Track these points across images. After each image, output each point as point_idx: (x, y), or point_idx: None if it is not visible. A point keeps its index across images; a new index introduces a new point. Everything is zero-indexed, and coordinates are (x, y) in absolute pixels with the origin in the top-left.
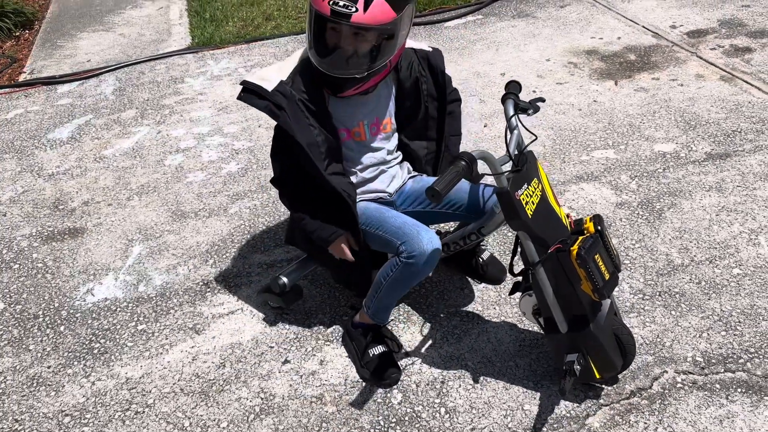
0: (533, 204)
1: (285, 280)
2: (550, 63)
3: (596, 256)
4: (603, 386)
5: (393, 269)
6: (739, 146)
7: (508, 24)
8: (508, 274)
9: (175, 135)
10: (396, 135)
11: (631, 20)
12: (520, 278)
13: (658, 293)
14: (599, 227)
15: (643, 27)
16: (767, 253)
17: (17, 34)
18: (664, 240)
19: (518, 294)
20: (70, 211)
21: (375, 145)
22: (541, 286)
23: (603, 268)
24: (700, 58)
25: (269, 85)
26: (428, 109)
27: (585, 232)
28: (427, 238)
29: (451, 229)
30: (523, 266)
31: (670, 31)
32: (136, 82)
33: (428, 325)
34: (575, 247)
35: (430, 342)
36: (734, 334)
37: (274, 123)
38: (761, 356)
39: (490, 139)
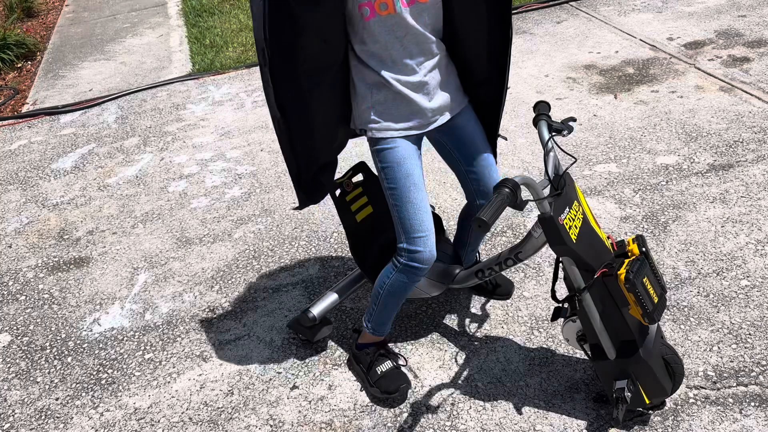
0: (576, 228)
1: (314, 313)
2: (548, 79)
3: (644, 279)
4: (650, 412)
5: (390, 275)
6: (742, 156)
7: None
8: (515, 288)
9: (178, 161)
10: (441, 15)
11: (628, 34)
12: (558, 304)
13: (667, 307)
14: (644, 248)
15: (641, 40)
16: None
17: (20, 65)
18: (670, 253)
19: (561, 320)
20: (75, 240)
21: (411, 21)
22: (587, 312)
23: (651, 291)
24: (699, 69)
25: None
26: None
27: (629, 254)
28: (429, 249)
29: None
30: (553, 290)
31: (667, 44)
32: (138, 110)
33: (437, 346)
34: (623, 270)
35: (438, 363)
36: (745, 347)
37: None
38: None
39: None
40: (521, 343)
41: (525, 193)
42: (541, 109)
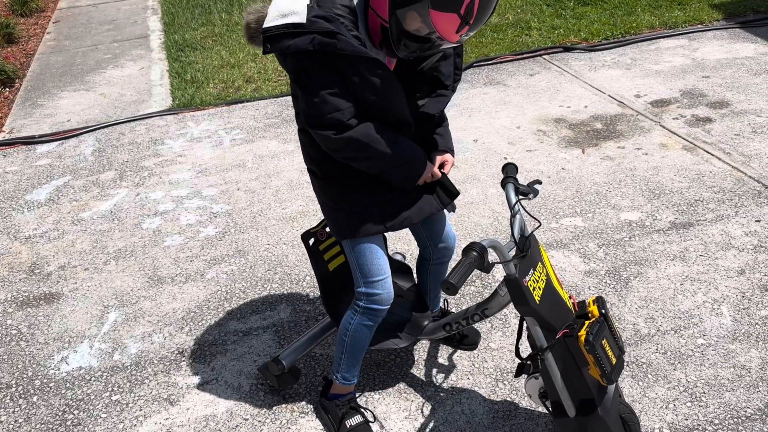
0: (540, 289)
1: (284, 362)
2: (520, 130)
3: (603, 341)
4: None
5: (351, 320)
6: (702, 216)
7: (480, 91)
8: (482, 339)
9: (154, 197)
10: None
11: (597, 89)
12: (521, 361)
13: (626, 363)
14: (603, 310)
15: (609, 96)
16: (729, 323)
17: None
18: (630, 309)
19: (524, 376)
20: (47, 275)
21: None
22: (549, 371)
23: (610, 353)
24: (664, 127)
25: (299, 18)
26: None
27: (589, 315)
28: (387, 291)
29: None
30: (516, 344)
31: (634, 100)
32: (116, 143)
33: (404, 396)
34: (583, 332)
35: (405, 414)
36: (699, 405)
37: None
38: (725, 428)
39: (464, 205)
40: (486, 395)
41: (492, 255)
42: (509, 172)
